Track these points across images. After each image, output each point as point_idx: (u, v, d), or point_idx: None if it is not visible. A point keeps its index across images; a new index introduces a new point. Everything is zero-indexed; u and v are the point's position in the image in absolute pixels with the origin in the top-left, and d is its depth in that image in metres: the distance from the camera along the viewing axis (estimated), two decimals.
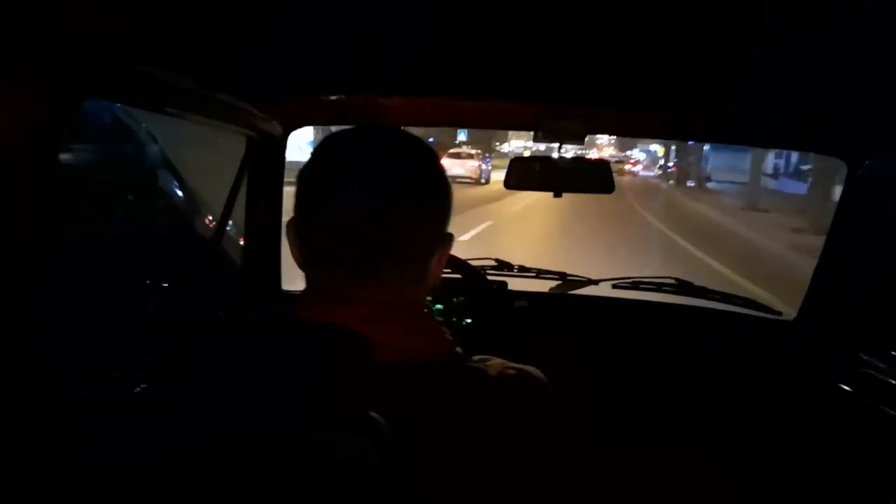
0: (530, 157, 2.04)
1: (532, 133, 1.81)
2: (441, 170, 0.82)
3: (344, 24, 1.13)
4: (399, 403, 0.66)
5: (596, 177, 1.92)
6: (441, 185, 0.80)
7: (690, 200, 23.63)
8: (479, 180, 23.25)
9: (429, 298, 2.07)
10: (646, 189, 28.76)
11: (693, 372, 2.01)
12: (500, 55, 1.29)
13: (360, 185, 0.74)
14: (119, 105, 1.72)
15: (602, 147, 69.98)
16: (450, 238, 0.82)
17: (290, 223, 0.80)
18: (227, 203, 1.80)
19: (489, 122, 2.15)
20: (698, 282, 2.34)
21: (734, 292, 2.27)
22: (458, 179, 21.84)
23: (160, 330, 1.52)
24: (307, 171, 0.79)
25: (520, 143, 54.13)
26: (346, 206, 0.74)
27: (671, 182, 36.68)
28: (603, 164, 1.96)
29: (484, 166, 25.05)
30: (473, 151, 26.86)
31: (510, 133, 50.12)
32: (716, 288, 2.30)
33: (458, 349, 0.76)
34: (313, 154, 0.80)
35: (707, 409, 1.97)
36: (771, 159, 32.29)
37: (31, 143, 0.81)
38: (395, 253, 0.76)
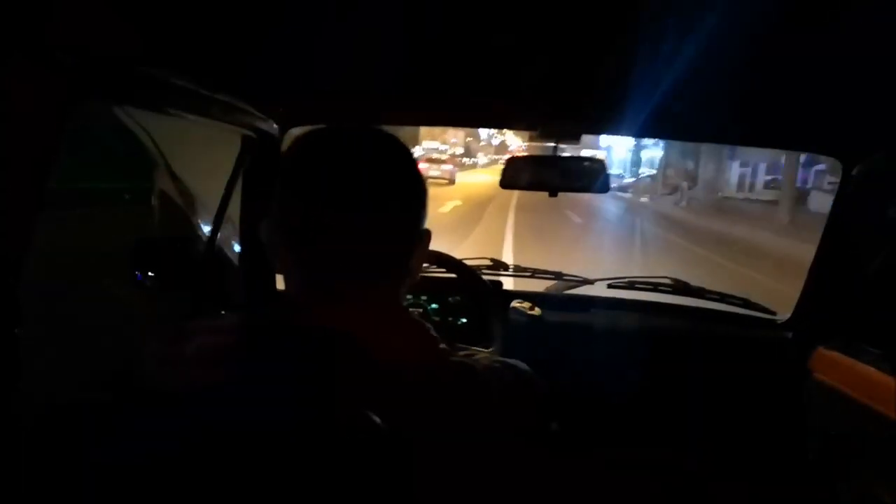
0: (526, 157, 2.04)
1: (443, 137, 1.81)
2: (415, 167, 0.81)
3: (341, 25, 1.13)
4: (387, 401, 0.66)
5: (591, 176, 1.92)
6: (416, 183, 0.80)
7: None
8: (452, 181, 28.23)
9: (424, 297, 2.08)
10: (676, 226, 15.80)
11: (689, 370, 2.02)
12: (498, 56, 1.29)
13: (336, 187, 0.74)
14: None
15: (516, 152, 66.31)
16: (427, 234, 0.83)
17: (266, 225, 0.79)
18: (222, 202, 1.80)
19: (486, 122, 2.16)
20: None
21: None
22: (434, 180, 26.58)
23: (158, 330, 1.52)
24: (283, 173, 0.78)
25: (432, 146, 51.82)
26: (322, 208, 0.74)
27: (674, 205, 24.02)
28: (598, 164, 1.97)
29: (453, 169, 31.02)
30: (445, 157, 35.64)
31: (421, 136, 48.41)
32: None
33: (443, 345, 0.77)
34: (287, 155, 0.79)
35: (703, 406, 1.97)
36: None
37: (30, 143, 0.80)
38: (376, 253, 0.76)
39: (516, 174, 1.94)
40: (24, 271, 0.82)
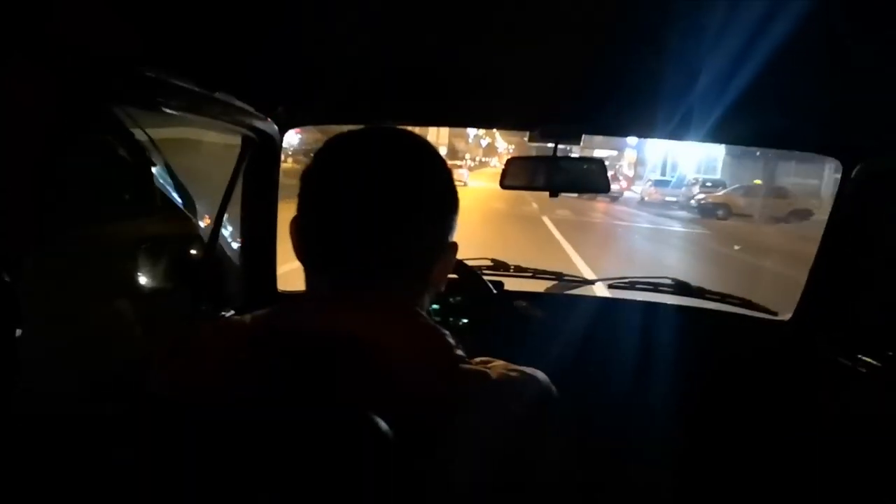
0: (527, 157, 2.03)
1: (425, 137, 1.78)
2: (447, 178, 0.80)
3: (341, 25, 1.13)
4: (401, 406, 0.66)
5: (592, 176, 1.92)
6: (444, 195, 0.79)
7: None
8: (466, 183, 29.35)
9: None
10: None
11: (690, 370, 2.02)
12: (498, 56, 1.29)
13: (357, 194, 0.74)
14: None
15: (503, 155, 60.35)
16: (453, 247, 0.82)
17: (293, 222, 0.80)
18: (222, 203, 1.80)
19: (486, 122, 2.16)
20: None
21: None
22: None
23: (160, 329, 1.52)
24: (309, 173, 0.78)
25: None
26: (343, 213, 0.74)
27: None
28: (598, 163, 1.97)
29: (467, 172, 34.87)
30: (461, 162, 42.06)
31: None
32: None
33: (460, 352, 0.76)
34: (317, 155, 0.79)
35: (704, 406, 1.97)
36: None
37: (30, 143, 0.80)
38: (394, 261, 0.76)
39: (516, 175, 1.93)
40: (24, 271, 0.82)
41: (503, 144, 65.41)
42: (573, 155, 1.96)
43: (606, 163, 1.99)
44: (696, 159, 30.97)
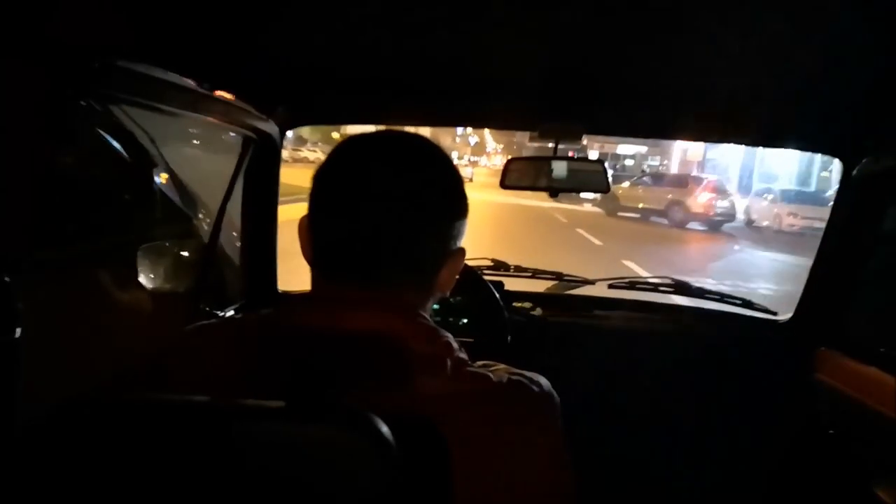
0: (527, 158, 2.03)
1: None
2: (456, 183, 0.80)
3: (342, 25, 1.13)
4: (403, 407, 0.66)
5: (591, 176, 1.93)
6: (452, 200, 0.79)
7: None
8: (470, 179, 31.30)
9: None
10: None
11: (690, 370, 2.02)
12: (498, 55, 1.29)
13: (366, 197, 0.74)
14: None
15: (492, 154, 60.18)
16: (461, 252, 0.82)
17: (302, 221, 0.80)
18: (222, 202, 1.80)
19: (486, 122, 2.16)
20: None
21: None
22: None
23: (160, 329, 1.52)
24: (321, 173, 0.78)
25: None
26: (351, 215, 0.74)
27: None
28: (597, 164, 1.97)
29: (472, 170, 37.50)
30: (468, 162, 45.56)
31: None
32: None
33: (463, 354, 0.76)
34: (329, 156, 0.80)
35: (704, 406, 1.97)
36: None
37: (29, 143, 0.80)
38: (399, 264, 0.76)
39: (516, 175, 1.93)
40: (23, 271, 0.82)
41: (492, 144, 64.61)
42: (592, 154, 1.96)
43: (631, 162, 1.99)
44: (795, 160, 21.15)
